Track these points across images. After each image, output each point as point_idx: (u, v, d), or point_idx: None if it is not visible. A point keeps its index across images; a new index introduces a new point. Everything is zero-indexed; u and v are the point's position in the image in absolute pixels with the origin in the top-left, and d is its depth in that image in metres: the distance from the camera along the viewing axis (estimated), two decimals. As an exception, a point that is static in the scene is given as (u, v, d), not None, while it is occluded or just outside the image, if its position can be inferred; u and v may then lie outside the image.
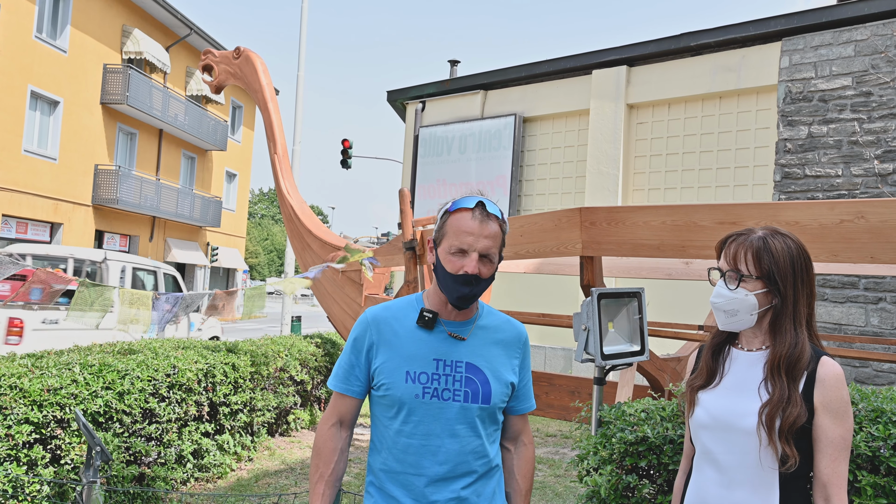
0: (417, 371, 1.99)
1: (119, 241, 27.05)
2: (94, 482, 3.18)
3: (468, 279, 1.95)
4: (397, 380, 1.98)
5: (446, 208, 2.02)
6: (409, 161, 15.51)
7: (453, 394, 1.99)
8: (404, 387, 1.97)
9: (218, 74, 9.31)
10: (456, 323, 2.06)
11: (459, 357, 2.02)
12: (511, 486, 2.15)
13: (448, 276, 1.98)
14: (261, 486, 5.97)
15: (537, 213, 4.81)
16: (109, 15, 25.00)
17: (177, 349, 5.93)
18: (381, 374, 2.01)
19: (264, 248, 60.87)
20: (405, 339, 2.02)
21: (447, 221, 2.00)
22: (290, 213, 9.05)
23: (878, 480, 2.50)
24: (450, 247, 1.97)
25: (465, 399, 1.99)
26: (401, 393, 1.97)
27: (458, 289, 1.97)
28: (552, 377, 6.68)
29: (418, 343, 2.02)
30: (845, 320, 9.79)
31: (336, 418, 2.08)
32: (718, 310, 1.97)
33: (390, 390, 1.99)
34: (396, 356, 2.01)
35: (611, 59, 12.80)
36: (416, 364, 1.99)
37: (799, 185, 10.35)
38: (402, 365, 1.99)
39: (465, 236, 1.95)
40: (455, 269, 1.96)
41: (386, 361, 2.01)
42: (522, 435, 2.20)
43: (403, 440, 1.98)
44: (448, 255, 1.98)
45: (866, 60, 9.97)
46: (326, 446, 2.05)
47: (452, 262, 1.96)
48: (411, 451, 1.97)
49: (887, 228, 3.34)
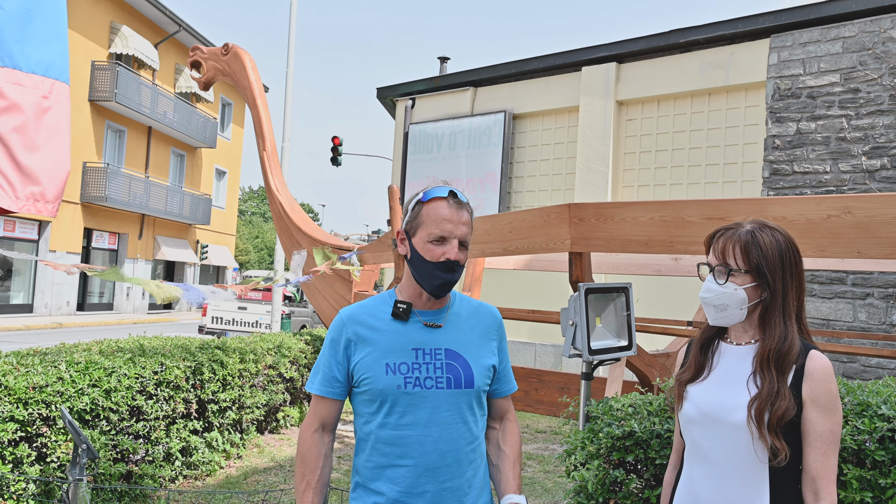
0: (397, 362, 1.97)
1: (108, 238, 26.93)
2: (81, 480, 3.16)
3: (450, 265, 1.97)
4: (377, 373, 1.97)
5: (418, 198, 2.03)
6: (398, 158, 15.48)
7: (436, 381, 1.98)
8: (385, 379, 1.96)
9: (206, 71, 9.27)
10: (430, 312, 2.06)
11: (438, 344, 2.02)
12: (499, 457, 2.14)
13: (428, 265, 1.98)
14: (250, 483, 5.95)
15: (526, 210, 4.81)
16: (97, 12, 24.86)
17: (165, 346, 5.91)
18: (361, 369, 1.99)
19: (254, 245, 60.73)
20: (382, 333, 2.02)
21: (421, 211, 2.01)
22: (280, 210, 9.02)
23: (864, 474, 2.51)
24: (428, 235, 1.98)
25: (448, 385, 1.99)
26: (382, 385, 1.96)
27: (440, 276, 1.98)
28: (542, 374, 6.69)
29: (395, 335, 2.01)
30: (833, 316, 9.84)
31: (318, 423, 2.06)
32: (708, 305, 1.96)
33: (372, 384, 1.97)
34: (375, 350, 1.99)
35: (600, 55, 12.81)
36: (395, 355, 1.98)
37: (787, 182, 10.38)
38: (381, 358, 1.98)
39: (444, 223, 1.97)
40: (435, 256, 1.97)
41: (365, 356, 2.00)
42: (507, 413, 2.21)
43: (388, 433, 1.97)
44: (427, 243, 1.98)
45: (854, 57, 10.01)
46: (311, 453, 2.03)
47: (432, 250, 1.97)
48: (398, 443, 1.96)
49: (874, 223, 3.35)
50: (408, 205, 2.07)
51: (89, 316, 24.74)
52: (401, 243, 2.07)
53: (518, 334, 13.41)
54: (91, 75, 24.58)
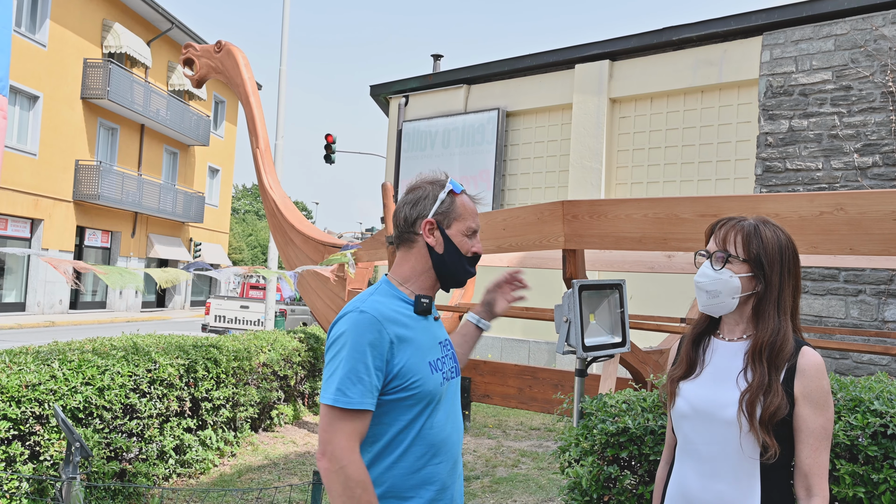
0: (434, 359, 1.92)
1: (101, 237, 26.84)
2: (74, 478, 3.16)
3: (477, 259, 2.03)
4: (425, 374, 1.86)
5: (449, 189, 1.98)
6: (392, 156, 15.47)
7: (452, 373, 2.01)
8: (432, 378, 1.87)
9: (199, 68, 9.24)
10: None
11: (445, 335, 2.04)
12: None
13: (463, 259, 1.99)
14: (244, 481, 5.95)
15: (520, 207, 4.81)
16: (89, 9, 24.76)
17: (159, 344, 5.90)
18: (409, 372, 1.83)
19: (248, 243, 60.54)
20: (415, 331, 1.90)
21: (455, 203, 1.98)
22: (273, 208, 9.01)
23: (857, 469, 2.52)
24: (466, 228, 1.99)
25: (456, 374, 2.04)
26: (431, 386, 1.87)
27: (470, 270, 2.01)
28: (536, 371, 6.70)
29: (425, 331, 1.94)
30: (825, 312, 9.88)
31: (358, 440, 1.78)
32: (701, 290, 1.96)
33: (422, 386, 1.85)
34: (416, 350, 1.87)
35: (593, 53, 12.82)
36: (431, 352, 1.92)
37: (780, 179, 10.41)
38: (424, 357, 1.88)
39: (476, 217, 2.02)
40: (468, 249, 1.99)
41: (409, 358, 1.84)
42: None
43: (432, 433, 1.87)
44: (464, 237, 1.98)
45: (846, 55, 10.04)
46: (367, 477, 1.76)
47: (467, 243, 1.99)
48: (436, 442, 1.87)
49: (866, 220, 3.37)
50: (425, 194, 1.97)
51: (82, 314, 24.66)
52: (428, 234, 1.95)
53: (512, 331, 13.42)
54: (83, 73, 24.49)
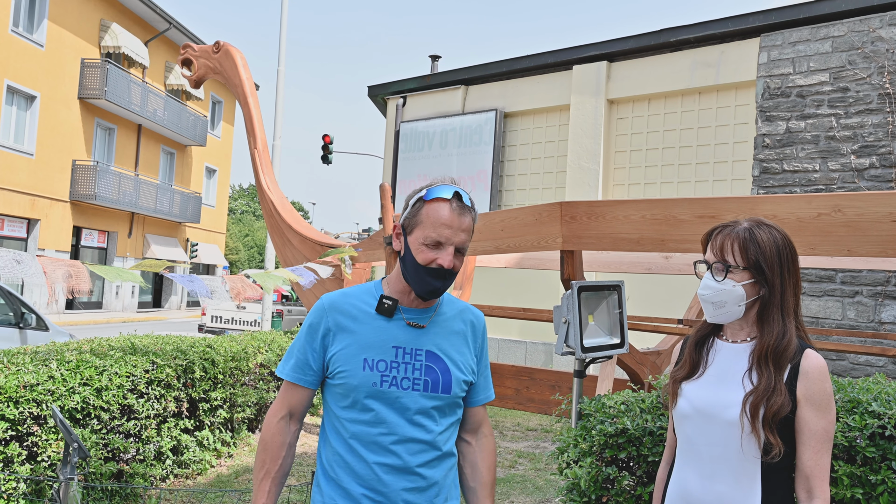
0: (376, 359, 1.90)
1: (97, 237, 26.80)
2: (72, 479, 3.15)
3: (442, 273, 1.88)
4: (355, 367, 1.89)
5: (420, 196, 1.92)
6: (389, 156, 15.47)
7: (412, 382, 1.91)
8: (362, 374, 1.88)
9: (197, 69, 9.23)
10: (416, 311, 1.98)
11: (419, 345, 1.94)
12: (475, 479, 2.07)
13: (419, 269, 1.89)
14: (241, 482, 5.94)
15: (518, 208, 4.81)
16: (87, 9, 24.73)
17: (156, 345, 5.89)
18: (338, 361, 1.91)
19: (245, 244, 60.49)
20: (363, 326, 1.93)
21: (422, 210, 1.90)
22: (271, 208, 9.00)
23: (855, 470, 2.53)
24: (424, 237, 1.87)
25: (424, 388, 1.92)
26: (358, 381, 1.88)
27: (430, 282, 1.89)
28: (533, 371, 6.70)
29: (377, 330, 1.93)
30: (822, 314, 9.90)
31: (286, 410, 1.97)
32: (706, 302, 1.96)
33: (347, 378, 1.89)
34: (354, 343, 1.91)
35: (591, 54, 12.83)
36: (375, 352, 1.91)
37: (777, 180, 10.43)
38: (360, 352, 1.90)
39: (443, 229, 1.86)
40: (427, 260, 1.88)
41: (343, 349, 1.91)
42: (483, 426, 2.12)
43: (358, 428, 1.90)
44: (421, 245, 1.88)
45: (843, 56, 10.07)
46: (274, 441, 1.95)
47: (425, 253, 1.88)
48: (366, 440, 1.89)
49: (863, 222, 3.37)
50: (410, 198, 1.95)
51: (78, 315, 24.62)
52: (396, 238, 1.97)
53: (509, 332, 13.43)
54: (81, 73, 24.46)
